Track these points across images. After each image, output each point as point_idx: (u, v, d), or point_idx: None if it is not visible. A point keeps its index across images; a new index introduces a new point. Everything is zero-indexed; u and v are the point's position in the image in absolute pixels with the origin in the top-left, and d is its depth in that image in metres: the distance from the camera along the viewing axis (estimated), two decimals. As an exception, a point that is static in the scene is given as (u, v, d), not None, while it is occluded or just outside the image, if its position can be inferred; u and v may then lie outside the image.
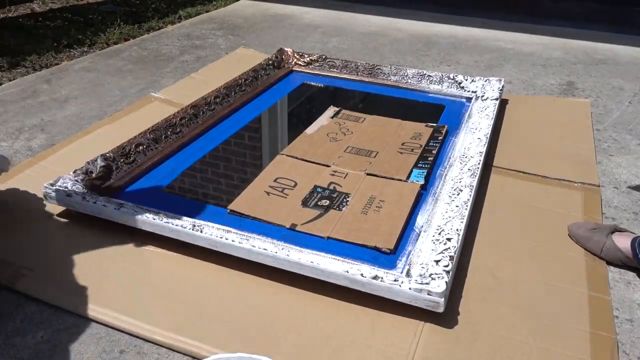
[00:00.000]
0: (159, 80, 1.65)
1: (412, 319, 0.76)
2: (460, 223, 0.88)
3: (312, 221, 0.94)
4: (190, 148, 1.20)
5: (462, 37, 2.18)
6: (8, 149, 1.23)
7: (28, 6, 2.54)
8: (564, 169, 1.14)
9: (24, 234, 0.92)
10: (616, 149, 1.29)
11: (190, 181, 1.09)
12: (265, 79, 1.56)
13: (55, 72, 1.70)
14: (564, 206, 1.03)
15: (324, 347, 0.71)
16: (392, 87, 1.56)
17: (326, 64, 1.66)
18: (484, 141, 1.15)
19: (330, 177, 1.07)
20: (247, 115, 1.37)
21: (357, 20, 2.39)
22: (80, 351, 0.71)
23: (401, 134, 1.26)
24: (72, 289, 0.80)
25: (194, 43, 2.03)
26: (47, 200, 0.95)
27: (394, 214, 0.96)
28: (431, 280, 0.74)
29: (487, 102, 1.37)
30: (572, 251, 0.90)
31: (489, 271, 0.86)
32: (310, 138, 1.24)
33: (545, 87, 1.66)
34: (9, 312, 0.77)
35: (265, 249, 0.81)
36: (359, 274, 0.76)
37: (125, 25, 2.27)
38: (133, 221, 0.89)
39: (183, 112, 1.25)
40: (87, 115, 1.40)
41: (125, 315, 0.76)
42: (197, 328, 0.74)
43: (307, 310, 0.77)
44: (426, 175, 1.08)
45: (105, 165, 1.03)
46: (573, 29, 2.25)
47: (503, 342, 0.73)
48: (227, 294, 0.80)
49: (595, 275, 0.85)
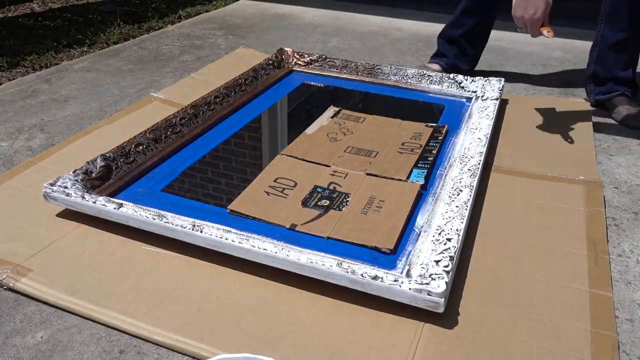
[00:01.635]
0: (158, 80, 1.65)
1: (412, 319, 0.76)
2: (460, 223, 0.88)
3: (312, 221, 0.94)
4: (190, 148, 1.20)
5: (462, 37, 2.18)
6: (8, 149, 1.23)
7: (28, 6, 2.54)
8: (564, 169, 1.14)
9: (23, 234, 0.92)
10: (616, 149, 1.29)
11: (190, 181, 1.09)
12: (265, 79, 1.56)
13: (55, 72, 1.70)
14: (565, 201, 1.03)
15: (324, 347, 0.71)
16: (392, 87, 1.56)
17: (326, 64, 1.66)
18: (484, 141, 1.15)
19: (330, 177, 1.08)
20: (247, 115, 1.37)
21: (357, 20, 2.39)
22: (80, 351, 0.71)
23: (401, 134, 1.26)
24: (72, 289, 0.80)
25: (194, 43, 2.04)
26: (47, 200, 0.95)
27: (394, 214, 0.96)
28: (431, 280, 0.74)
29: (487, 102, 1.37)
30: (574, 248, 0.90)
31: (489, 271, 0.86)
32: (310, 138, 1.24)
33: (545, 87, 1.66)
34: (9, 312, 0.78)
35: (265, 249, 0.81)
36: (359, 274, 0.76)
37: (125, 25, 2.27)
38: (133, 221, 0.89)
39: (183, 112, 1.25)
40: (87, 115, 1.40)
41: (125, 315, 0.76)
42: (197, 328, 0.74)
43: (307, 310, 0.77)
44: (426, 175, 1.08)
45: (105, 165, 1.03)
46: (573, 29, 2.25)
47: (503, 342, 0.73)
48: (227, 294, 0.80)
49: (597, 272, 0.85)
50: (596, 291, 0.81)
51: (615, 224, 1.01)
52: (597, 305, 0.79)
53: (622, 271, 0.88)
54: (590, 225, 0.96)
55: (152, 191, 1.04)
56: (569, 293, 0.81)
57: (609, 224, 1.00)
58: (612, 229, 0.99)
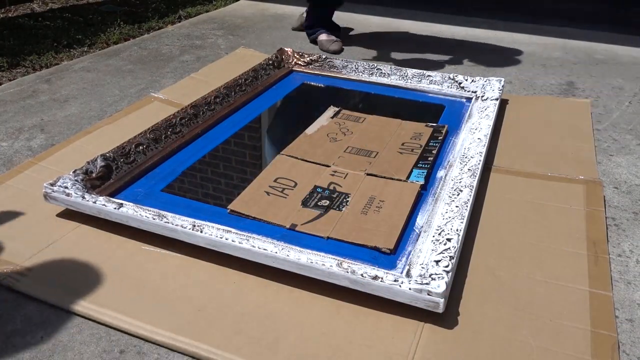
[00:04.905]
0: (159, 80, 1.65)
1: (412, 319, 0.76)
2: (460, 223, 0.88)
3: (312, 221, 0.94)
4: (190, 148, 1.20)
5: (462, 37, 2.18)
6: (8, 149, 1.23)
7: (28, 6, 2.55)
8: (564, 169, 1.14)
9: (23, 234, 0.92)
10: (616, 149, 1.29)
11: (190, 181, 1.09)
12: (265, 79, 1.56)
13: (55, 72, 1.70)
14: (565, 201, 1.03)
15: (324, 347, 0.71)
16: (392, 87, 1.56)
17: (326, 64, 1.66)
18: (484, 141, 1.15)
19: (330, 177, 1.08)
20: (247, 115, 1.37)
21: (357, 20, 2.39)
22: (80, 351, 0.71)
23: (401, 134, 1.26)
24: (72, 289, 0.80)
25: (194, 43, 2.04)
26: (47, 200, 0.95)
27: (394, 214, 0.96)
28: (431, 280, 0.74)
29: (487, 102, 1.37)
30: (574, 248, 0.90)
31: (489, 271, 0.86)
32: (310, 138, 1.24)
33: (545, 87, 1.66)
34: (9, 312, 0.77)
35: (265, 249, 0.81)
36: (359, 274, 0.76)
37: (125, 25, 2.27)
38: (133, 221, 0.89)
39: (183, 112, 1.25)
40: (87, 115, 1.40)
41: (125, 315, 0.76)
42: (197, 328, 0.74)
43: (307, 310, 0.77)
44: (426, 175, 1.08)
45: (105, 165, 1.03)
46: (573, 29, 2.25)
47: (503, 342, 0.73)
48: (227, 294, 0.80)
49: (597, 272, 0.85)
50: (596, 291, 0.81)
51: (615, 224, 1.01)
52: (597, 305, 0.79)
53: (622, 271, 0.88)
54: (590, 225, 0.96)
55: (152, 191, 1.04)
56: (569, 293, 0.81)
57: (609, 224, 1.00)
58: (612, 229, 0.99)
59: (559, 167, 1.15)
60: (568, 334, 0.74)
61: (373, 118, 1.35)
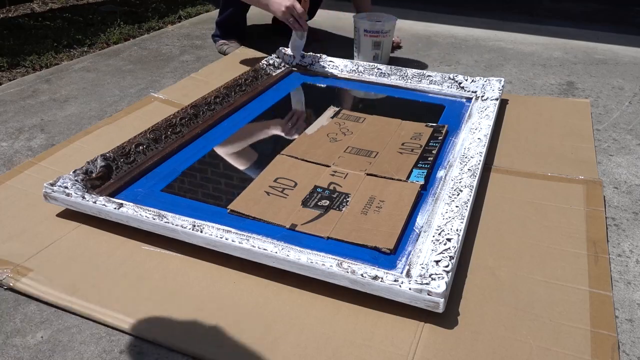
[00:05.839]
0: (159, 80, 1.65)
1: (412, 319, 0.76)
2: (460, 223, 0.88)
3: (312, 221, 0.94)
4: (190, 148, 1.20)
5: (462, 37, 2.18)
6: (8, 149, 1.23)
7: (28, 6, 2.55)
8: (564, 169, 1.14)
9: (23, 234, 0.92)
10: (616, 149, 1.29)
11: (190, 181, 1.09)
12: (265, 79, 1.56)
13: (55, 72, 1.70)
14: (565, 201, 1.03)
15: (324, 347, 0.71)
16: (392, 87, 1.56)
17: (326, 64, 1.66)
18: (484, 141, 1.15)
19: (330, 177, 1.08)
20: (247, 115, 1.37)
21: (357, 20, 2.38)
22: (80, 351, 0.71)
23: (401, 134, 1.26)
24: (72, 289, 0.80)
25: (194, 43, 2.04)
26: (47, 200, 0.95)
27: (394, 214, 0.96)
28: (431, 280, 0.74)
29: (487, 102, 1.37)
30: (574, 248, 0.90)
31: (489, 271, 0.86)
32: (310, 138, 1.24)
33: (545, 87, 1.66)
34: (9, 312, 0.78)
35: (265, 249, 0.81)
36: (359, 274, 0.76)
37: (125, 25, 2.27)
38: (133, 221, 0.89)
39: (183, 112, 1.25)
40: (87, 115, 1.40)
41: (125, 315, 0.76)
42: (197, 328, 0.74)
43: (307, 310, 0.77)
44: (426, 175, 1.08)
45: (105, 165, 1.03)
46: (573, 29, 2.25)
47: (503, 342, 0.73)
48: (227, 294, 0.80)
49: (597, 272, 0.85)
50: (596, 291, 0.81)
51: (615, 224, 1.01)
52: (597, 305, 0.79)
53: (622, 271, 0.88)
54: (590, 225, 0.96)
55: (152, 191, 1.04)
56: (569, 293, 0.81)
57: (609, 224, 1.00)
58: (612, 229, 0.99)
59: (559, 167, 1.15)
60: (568, 334, 0.74)
61: (373, 118, 1.35)
